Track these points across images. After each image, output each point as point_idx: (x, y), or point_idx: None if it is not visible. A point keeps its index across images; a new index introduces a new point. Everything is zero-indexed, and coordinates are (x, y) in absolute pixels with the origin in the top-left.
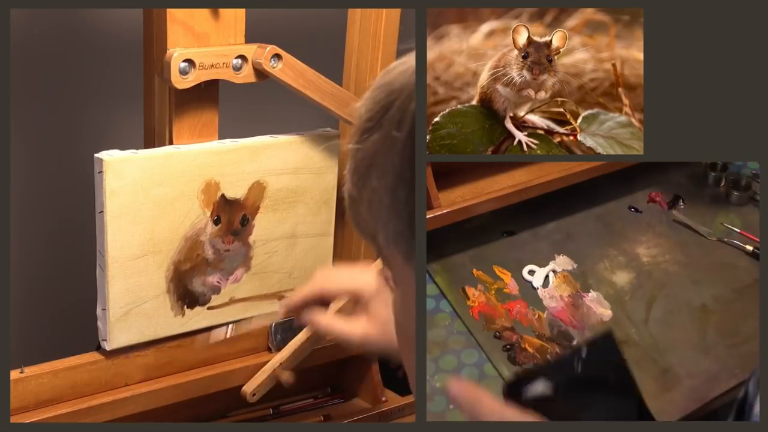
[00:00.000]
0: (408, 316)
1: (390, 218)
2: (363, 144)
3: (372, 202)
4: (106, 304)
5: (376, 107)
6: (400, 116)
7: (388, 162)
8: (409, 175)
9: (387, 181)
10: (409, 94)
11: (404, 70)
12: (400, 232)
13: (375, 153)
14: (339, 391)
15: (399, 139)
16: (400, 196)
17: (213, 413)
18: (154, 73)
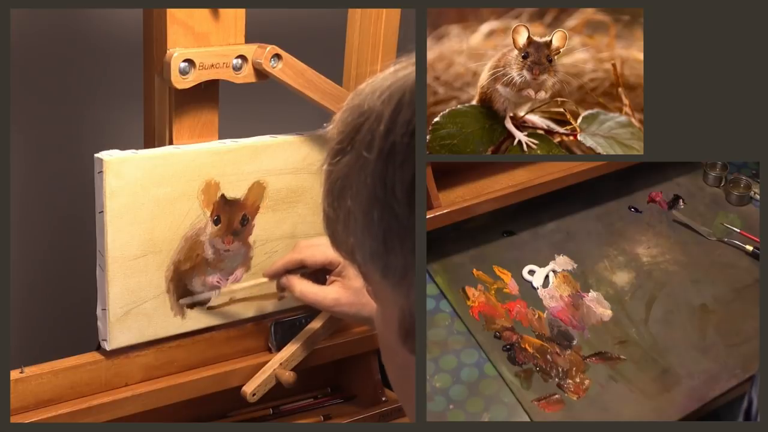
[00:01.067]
0: (388, 329)
1: (365, 237)
2: (336, 165)
3: (347, 222)
4: (106, 304)
5: (347, 129)
6: (370, 138)
7: (361, 182)
8: (382, 195)
9: (360, 201)
10: (378, 117)
11: (372, 92)
12: (375, 251)
13: (348, 174)
14: (339, 391)
15: (370, 160)
16: (374, 216)
17: (213, 413)
18: (154, 73)
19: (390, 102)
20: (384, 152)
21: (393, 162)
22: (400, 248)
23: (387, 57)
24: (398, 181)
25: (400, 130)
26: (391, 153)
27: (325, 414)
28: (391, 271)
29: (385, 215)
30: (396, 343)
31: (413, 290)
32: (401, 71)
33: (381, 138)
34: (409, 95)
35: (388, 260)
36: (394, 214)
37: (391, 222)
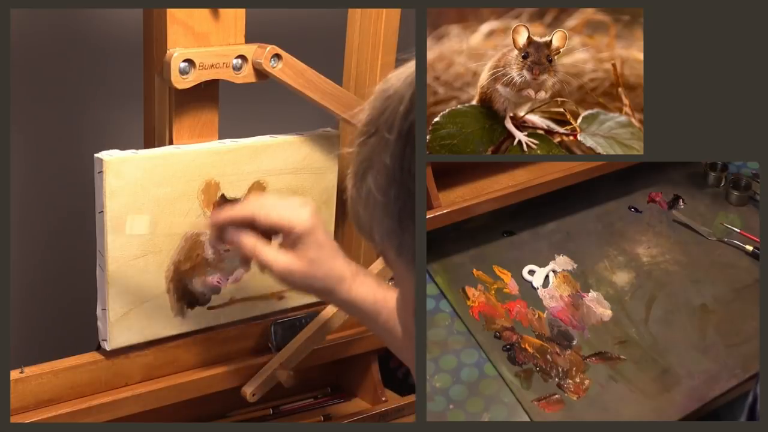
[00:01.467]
0: (407, 311)
1: (383, 216)
2: (362, 147)
3: (368, 202)
4: (106, 304)
5: (374, 112)
6: (392, 119)
7: (381, 163)
8: (399, 175)
9: (380, 181)
10: (400, 98)
11: (400, 75)
12: (391, 229)
13: (371, 155)
14: (339, 391)
15: (390, 141)
16: (391, 195)
17: (213, 413)
18: (154, 73)
19: (412, 84)
20: (403, 132)
21: (410, 142)
22: (414, 227)
23: (387, 57)
24: (413, 161)
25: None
26: (409, 133)
27: (325, 414)
28: (405, 250)
29: (402, 194)
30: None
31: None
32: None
33: (401, 118)
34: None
35: (403, 238)
36: (409, 194)
37: (407, 201)
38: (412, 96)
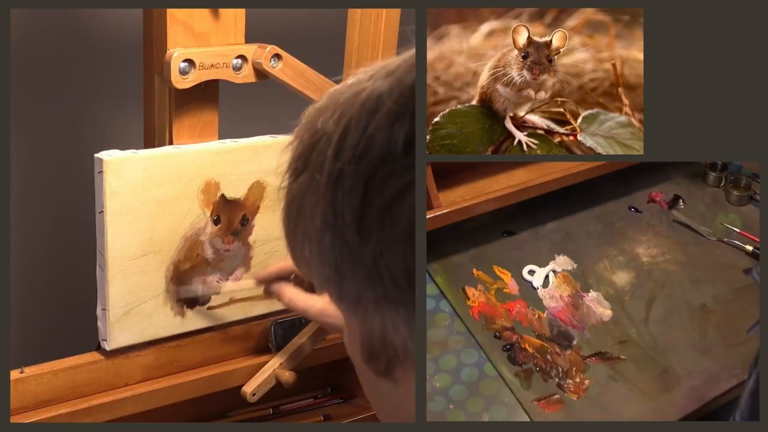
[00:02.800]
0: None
1: (320, 263)
2: (292, 185)
3: (302, 245)
4: (106, 304)
5: (302, 147)
6: (321, 159)
7: (313, 206)
8: (332, 220)
9: (314, 225)
10: (328, 139)
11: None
12: (327, 277)
13: (303, 195)
14: (339, 391)
15: (321, 183)
16: (326, 241)
17: (213, 413)
18: (154, 73)
19: (339, 123)
20: (333, 177)
21: (342, 188)
22: (352, 275)
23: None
24: (347, 207)
25: (347, 156)
26: (339, 178)
27: (325, 414)
28: (345, 297)
29: (337, 241)
30: (361, 363)
31: (368, 316)
32: (355, 86)
33: (330, 162)
34: (356, 119)
35: (342, 287)
36: (345, 241)
37: (342, 248)
38: (340, 138)
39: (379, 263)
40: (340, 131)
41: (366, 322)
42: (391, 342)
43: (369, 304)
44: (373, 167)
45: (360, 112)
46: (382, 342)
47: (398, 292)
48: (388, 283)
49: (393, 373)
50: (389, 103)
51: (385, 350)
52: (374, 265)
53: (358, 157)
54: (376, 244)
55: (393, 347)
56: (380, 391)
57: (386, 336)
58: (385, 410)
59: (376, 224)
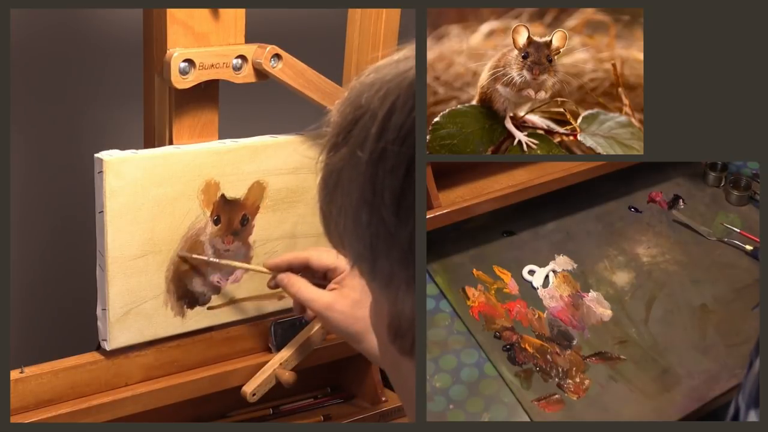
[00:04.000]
0: (380, 323)
1: (354, 239)
2: (331, 159)
3: (338, 221)
4: (106, 304)
5: (344, 122)
6: (364, 136)
7: (353, 181)
8: (371, 198)
9: (351, 200)
10: (373, 116)
11: (371, 84)
12: (361, 254)
13: (342, 169)
14: (339, 391)
15: (362, 160)
16: (362, 218)
17: (213, 413)
18: (154, 73)
19: (385, 101)
20: (375, 155)
21: (384, 166)
22: (386, 255)
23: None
24: (387, 187)
25: (391, 135)
26: (381, 157)
27: (325, 414)
28: (378, 275)
29: (373, 219)
30: (386, 340)
31: (400, 296)
32: (402, 63)
33: (373, 140)
34: (403, 99)
35: (375, 264)
36: (381, 219)
37: (378, 227)
38: (386, 116)
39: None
40: (385, 110)
41: (397, 302)
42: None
43: (401, 284)
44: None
45: (407, 93)
46: (410, 322)
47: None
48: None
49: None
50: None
51: (412, 329)
52: (410, 247)
53: (403, 138)
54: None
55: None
56: (402, 370)
57: (415, 316)
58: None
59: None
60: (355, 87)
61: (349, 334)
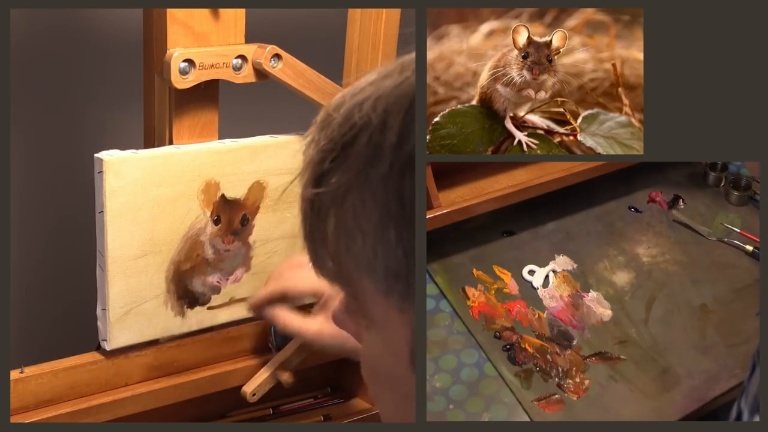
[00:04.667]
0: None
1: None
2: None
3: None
4: (106, 304)
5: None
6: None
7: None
8: (399, 212)
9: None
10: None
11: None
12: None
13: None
14: (339, 391)
15: (376, 175)
16: (390, 236)
17: (213, 413)
18: (154, 73)
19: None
20: (396, 165)
21: (410, 174)
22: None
23: (387, 57)
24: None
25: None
26: (405, 167)
27: (325, 414)
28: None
29: (404, 234)
30: (405, 370)
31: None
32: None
33: (391, 150)
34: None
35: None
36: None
37: (411, 241)
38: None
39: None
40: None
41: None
42: None
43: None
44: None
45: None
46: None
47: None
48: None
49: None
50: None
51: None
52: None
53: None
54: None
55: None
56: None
57: None
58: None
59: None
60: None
61: (346, 353)
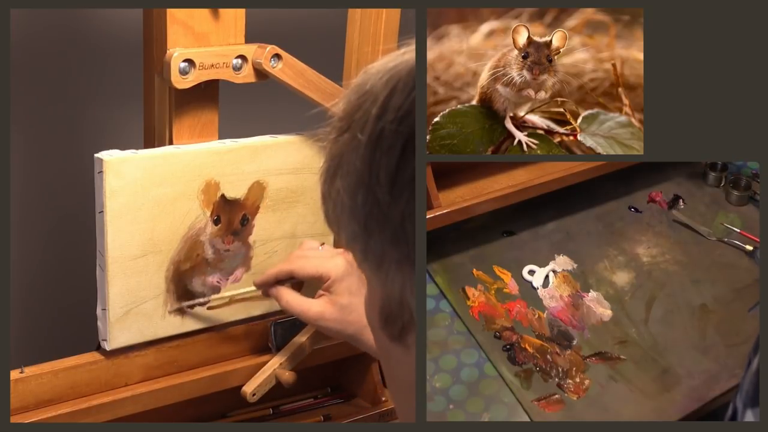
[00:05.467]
0: (372, 308)
1: (349, 219)
2: (334, 144)
3: (336, 202)
4: (106, 304)
5: (348, 107)
6: (365, 119)
7: (351, 164)
8: (367, 179)
9: (348, 183)
10: (374, 98)
11: (377, 72)
12: (357, 233)
13: (342, 153)
14: (339, 391)
15: (362, 142)
16: (358, 200)
17: (213, 413)
18: (154, 73)
19: (387, 85)
20: (373, 136)
21: (381, 147)
22: (379, 234)
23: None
24: (383, 167)
25: (390, 116)
26: (379, 138)
27: (325, 414)
28: (370, 255)
29: (369, 199)
30: (377, 327)
31: (390, 276)
32: (407, 54)
33: (373, 121)
34: (403, 83)
35: (368, 244)
36: (376, 199)
37: (373, 207)
38: (386, 98)
39: (406, 224)
40: (386, 92)
41: (387, 283)
42: (408, 305)
43: (392, 264)
44: (413, 129)
45: (408, 77)
46: (400, 305)
47: None
48: (412, 243)
49: (406, 339)
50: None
51: (402, 314)
52: (401, 226)
53: (400, 119)
54: (406, 205)
55: (409, 310)
56: (393, 358)
57: (404, 298)
58: (396, 379)
59: (408, 186)
60: (361, 77)
61: (345, 338)
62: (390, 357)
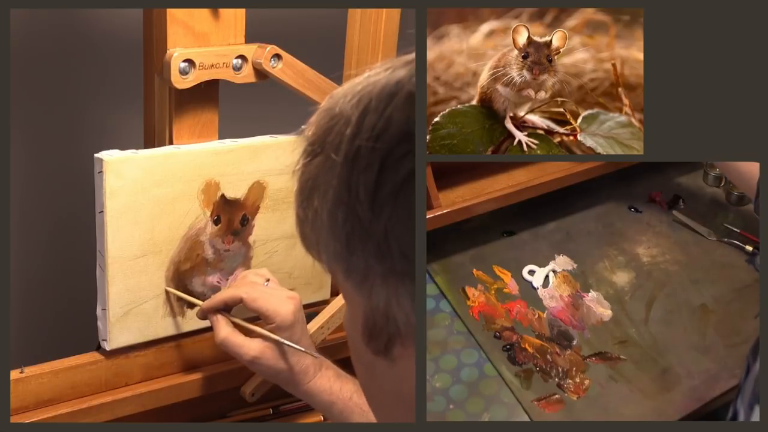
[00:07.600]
0: (354, 328)
1: (330, 238)
2: (307, 166)
3: (314, 223)
4: (106, 304)
5: (319, 131)
6: (339, 141)
7: (328, 184)
8: (346, 197)
9: (327, 202)
10: (347, 120)
11: (344, 96)
12: (338, 252)
13: (317, 175)
14: None
15: (337, 162)
16: (338, 217)
17: (213, 413)
18: (154, 73)
19: (358, 106)
20: (349, 156)
21: (357, 165)
22: (362, 251)
23: (387, 57)
24: (361, 184)
25: (365, 135)
26: (356, 156)
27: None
28: (353, 273)
29: (349, 217)
30: (360, 343)
31: (375, 291)
32: (373, 77)
33: (348, 141)
34: (375, 101)
35: (350, 262)
36: (357, 217)
37: (354, 224)
38: (359, 118)
39: (389, 237)
40: (358, 113)
41: (372, 297)
42: (394, 317)
43: (376, 278)
44: (390, 146)
45: (380, 96)
46: (385, 318)
47: (406, 264)
48: (397, 256)
49: (392, 352)
50: (409, 87)
51: (387, 327)
52: (384, 239)
53: (376, 137)
54: (388, 220)
55: (395, 322)
56: (377, 374)
57: (390, 311)
58: (379, 396)
59: (389, 200)
60: (329, 101)
61: (280, 382)
62: (374, 372)
